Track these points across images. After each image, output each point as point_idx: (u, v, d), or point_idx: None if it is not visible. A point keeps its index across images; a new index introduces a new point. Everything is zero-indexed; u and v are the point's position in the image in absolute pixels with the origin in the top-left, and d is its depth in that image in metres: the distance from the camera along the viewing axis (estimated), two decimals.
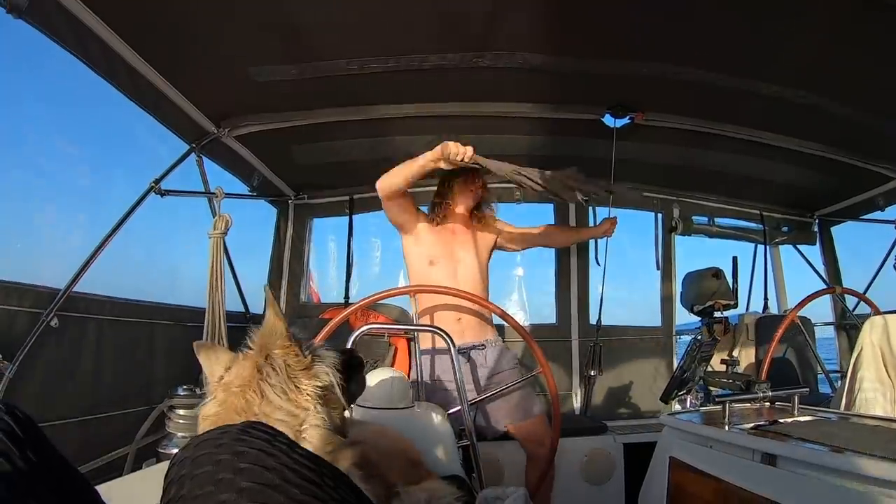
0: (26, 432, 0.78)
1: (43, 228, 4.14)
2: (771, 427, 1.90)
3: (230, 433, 0.81)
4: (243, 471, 0.75)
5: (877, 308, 3.56)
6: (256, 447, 0.78)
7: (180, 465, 0.79)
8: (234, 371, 1.19)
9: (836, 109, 2.94)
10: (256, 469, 0.75)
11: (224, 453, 0.77)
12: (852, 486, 1.36)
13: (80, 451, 2.50)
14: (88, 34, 2.12)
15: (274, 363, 1.15)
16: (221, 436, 0.81)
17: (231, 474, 0.74)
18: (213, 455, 0.77)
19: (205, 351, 1.28)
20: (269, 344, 1.17)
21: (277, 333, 1.17)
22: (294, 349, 1.17)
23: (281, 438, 0.82)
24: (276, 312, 1.18)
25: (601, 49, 2.62)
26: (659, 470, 2.28)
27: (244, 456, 0.77)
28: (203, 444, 0.80)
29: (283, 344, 1.17)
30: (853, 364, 2.48)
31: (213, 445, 0.79)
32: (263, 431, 0.82)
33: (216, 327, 2.52)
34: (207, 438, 0.81)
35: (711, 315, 2.83)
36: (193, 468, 0.77)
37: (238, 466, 0.75)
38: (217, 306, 2.57)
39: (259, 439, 0.80)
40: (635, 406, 4.37)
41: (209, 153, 3.20)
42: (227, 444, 0.79)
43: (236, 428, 0.83)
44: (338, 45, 2.50)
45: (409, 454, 1.81)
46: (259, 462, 0.76)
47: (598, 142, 3.52)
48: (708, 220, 4.60)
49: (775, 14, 2.24)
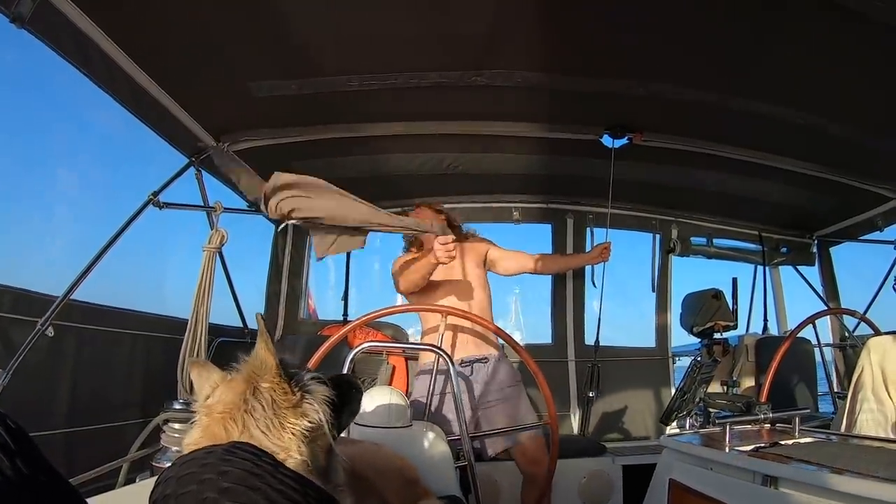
0: (17, 443, 0.76)
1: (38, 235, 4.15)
2: (772, 449, 1.88)
3: (215, 453, 0.80)
4: (228, 490, 0.74)
5: (877, 329, 3.54)
6: (241, 467, 0.77)
7: (165, 484, 0.78)
8: (218, 393, 1.13)
9: (835, 130, 2.95)
10: (241, 489, 0.75)
11: (209, 473, 0.77)
12: None
13: (73, 462, 2.46)
14: (90, 45, 2.13)
15: (260, 397, 1.09)
16: (207, 455, 0.80)
17: (215, 493, 0.74)
18: (198, 475, 0.77)
19: (197, 368, 1.23)
20: (257, 376, 1.11)
21: (266, 368, 1.11)
22: (282, 386, 1.11)
23: (266, 458, 0.81)
24: (266, 345, 1.12)
25: (600, 69, 2.64)
26: (658, 492, 2.25)
27: (228, 475, 0.76)
28: (188, 463, 0.80)
29: (272, 379, 1.10)
30: (854, 385, 2.46)
31: (198, 465, 0.79)
32: (248, 451, 0.81)
33: (197, 340, 2.51)
34: (193, 458, 0.81)
35: (711, 336, 2.82)
36: (178, 487, 0.77)
37: (222, 486, 0.75)
38: (201, 319, 2.57)
39: (244, 459, 0.79)
40: (633, 427, 4.33)
41: (208, 167, 3.20)
42: (213, 463, 0.78)
43: (221, 448, 0.82)
44: (338, 61, 2.52)
45: (406, 473, 1.78)
46: (243, 482, 0.76)
47: (596, 162, 3.53)
48: (706, 240, 4.60)
49: (774, 36, 2.25)
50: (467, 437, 2.57)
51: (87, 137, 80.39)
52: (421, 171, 3.64)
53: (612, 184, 3.47)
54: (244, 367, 1.15)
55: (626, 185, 3.71)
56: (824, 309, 4.44)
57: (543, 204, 4.41)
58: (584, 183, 3.99)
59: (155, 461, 2.08)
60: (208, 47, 2.34)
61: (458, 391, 2.61)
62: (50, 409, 2.43)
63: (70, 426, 2.50)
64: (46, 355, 2.39)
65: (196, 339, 2.50)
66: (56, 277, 2.60)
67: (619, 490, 3.51)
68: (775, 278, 4.92)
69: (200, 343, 2.51)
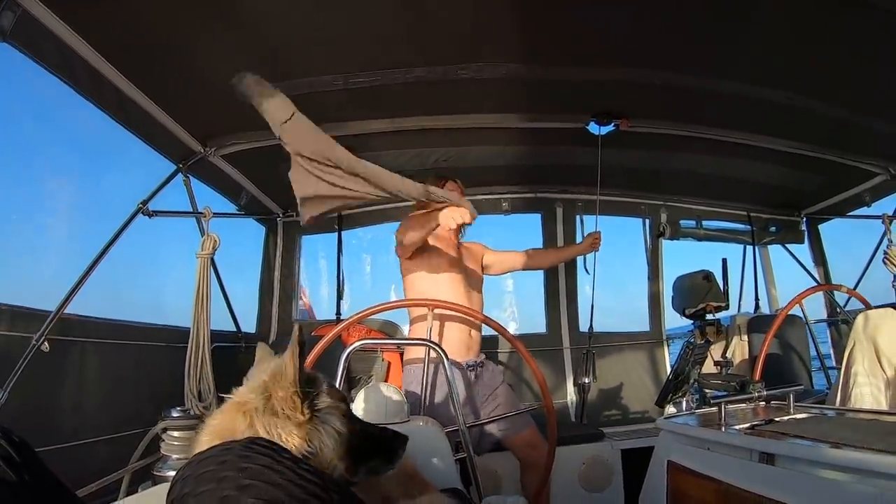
0: (22, 455, 0.77)
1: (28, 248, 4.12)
2: (767, 426, 1.90)
3: (233, 449, 0.79)
4: (248, 487, 0.73)
5: (868, 303, 3.58)
6: (260, 462, 0.77)
7: (183, 482, 0.77)
8: (243, 389, 1.15)
9: (820, 108, 2.97)
10: (261, 485, 0.74)
11: (227, 470, 0.76)
12: (852, 481, 1.36)
13: (74, 475, 2.46)
14: (74, 57, 2.12)
15: (271, 403, 1.09)
16: (225, 452, 0.79)
17: (235, 491, 0.73)
18: (217, 472, 0.76)
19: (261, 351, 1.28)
20: (275, 384, 1.11)
21: (285, 377, 1.10)
22: (293, 400, 1.09)
23: (285, 454, 0.81)
24: (293, 355, 1.11)
25: (584, 57, 2.64)
26: (657, 474, 2.27)
27: (247, 472, 0.75)
28: (205, 461, 0.79)
29: (286, 389, 1.10)
30: (846, 359, 2.48)
31: (216, 462, 0.78)
32: (267, 447, 0.81)
33: (201, 347, 2.51)
34: (210, 455, 0.80)
35: (703, 318, 2.84)
36: (197, 486, 0.75)
37: (242, 483, 0.74)
38: (202, 326, 2.57)
39: (263, 455, 0.78)
40: (630, 411, 4.37)
41: (196, 173, 3.18)
42: (231, 460, 0.77)
43: (239, 444, 0.81)
44: (322, 61, 2.51)
45: (405, 467, 1.79)
46: (264, 478, 0.75)
47: (583, 150, 3.54)
48: (695, 223, 4.62)
49: (756, 15, 2.26)
50: (465, 428, 2.58)
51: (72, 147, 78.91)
52: (409, 167, 3.63)
53: (601, 171, 3.48)
54: (268, 367, 1.15)
55: (613, 172, 3.73)
56: (814, 286, 4.47)
57: (532, 194, 4.43)
58: (573, 171, 4.00)
59: (156, 470, 2.08)
60: (191, 53, 2.33)
61: (454, 383, 2.61)
62: (49, 424, 2.42)
63: (69, 440, 2.48)
64: (42, 370, 2.38)
65: (200, 346, 2.50)
66: (48, 291, 2.58)
67: (619, 474, 3.53)
68: (765, 257, 4.95)
69: (204, 349, 2.51)
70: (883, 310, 2.52)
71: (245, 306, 4.01)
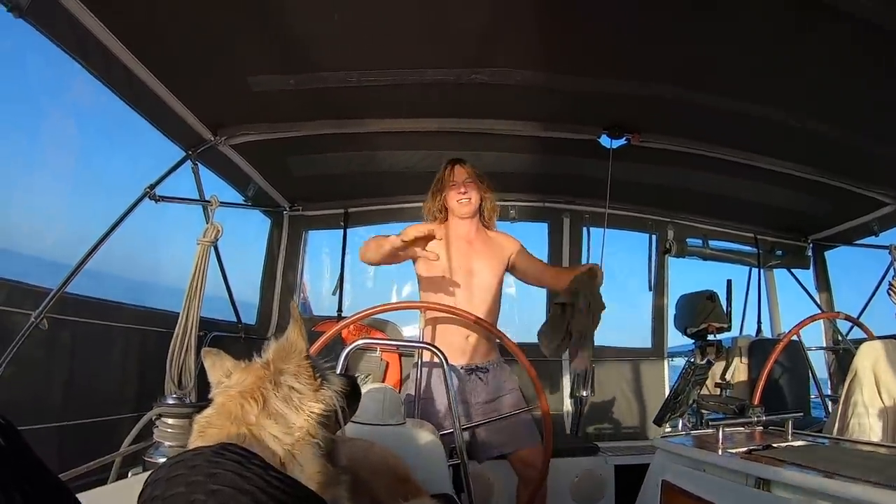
0: (6, 438, 0.76)
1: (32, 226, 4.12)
2: (764, 451, 1.89)
3: (204, 454, 0.81)
4: (216, 493, 0.75)
5: (871, 333, 3.55)
6: (230, 469, 0.78)
7: (154, 485, 0.79)
8: (235, 377, 1.19)
9: (832, 134, 2.95)
10: (229, 491, 0.75)
11: (197, 475, 0.77)
12: None
13: (65, 456, 2.45)
14: (88, 36, 2.11)
15: (284, 379, 1.15)
16: (195, 457, 0.81)
17: (204, 496, 0.74)
18: (187, 476, 0.77)
19: (210, 357, 1.28)
20: (284, 360, 1.18)
21: (296, 352, 1.18)
22: (308, 370, 1.18)
23: (255, 461, 0.82)
24: (300, 331, 1.20)
25: (599, 70, 2.63)
26: (651, 493, 2.25)
27: (217, 478, 0.76)
28: (177, 465, 0.80)
29: (299, 362, 1.18)
30: (847, 388, 2.47)
31: (186, 467, 0.79)
32: (237, 453, 0.82)
33: (187, 334, 2.50)
34: (181, 459, 0.81)
35: (705, 338, 2.83)
36: (167, 489, 0.77)
37: (210, 488, 0.75)
38: (192, 313, 2.56)
39: (233, 461, 0.79)
40: (627, 427, 4.35)
41: (205, 161, 3.18)
42: (201, 465, 0.79)
43: (210, 449, 0.82)
44: (337, 57, 2.51)
45: (398, 471, 1.78)
46: (233, 484, 0.76)
47: (593, 162, 3.53)
48: (702, 242, 4.60)
49: (772, 39, 2.25)
50: (460, 433, 2.56)
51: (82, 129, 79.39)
52: (418, 168, 3.63)
53: (610, 184, 3.47)
54: (270, 350, 1.21)
55: (622, 186, 3.70)
56: (817, 312, 4.45)
57: (540, 203, 4.42)
58: (581, 183, 3.99)
59: (147, 456, 2.07)
60: (208, 41, 2.33)
61: (453, 387, 2.60)
62: (43, 402, 2.41)
63: (62, 420, 2.47)
64: (40, 348, 2.37)
65: (186, 333, 2.49)
66: (50, 268, 2.58)
67: (612, 490, 3.51)
68: (770, 281, 4.93)
69: (191, 337, 2.50)
70: (885, 341, 2.51)
71: (246, 298, 4.01)
